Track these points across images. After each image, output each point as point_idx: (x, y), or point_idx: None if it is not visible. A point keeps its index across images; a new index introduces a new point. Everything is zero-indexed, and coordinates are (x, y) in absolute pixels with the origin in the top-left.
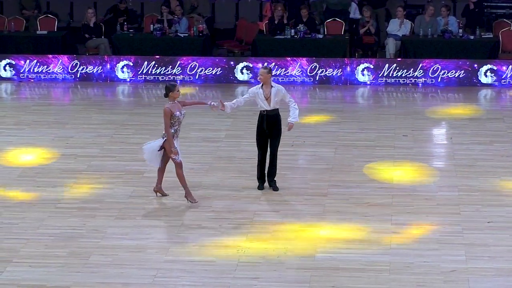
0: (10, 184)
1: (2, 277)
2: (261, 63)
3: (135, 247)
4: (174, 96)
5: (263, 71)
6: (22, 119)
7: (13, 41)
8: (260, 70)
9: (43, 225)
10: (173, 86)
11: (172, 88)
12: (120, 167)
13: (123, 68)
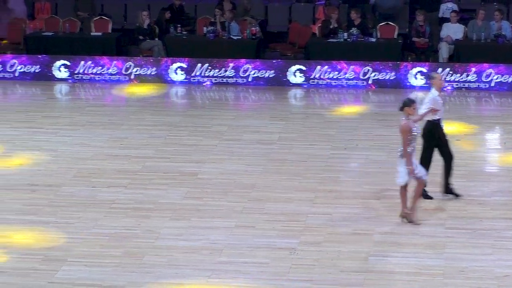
0: (65, 184)
1: (57, 276)
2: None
3: (190, 248)
4: (409, 112)
5: (439, 75)
6: (77, 119)
7: (68, 43)
8: (436, 75)
9: (98, 225)
10: (411, 102)
11: (409, 103)
12: (174, 168)
13: (176, 70)
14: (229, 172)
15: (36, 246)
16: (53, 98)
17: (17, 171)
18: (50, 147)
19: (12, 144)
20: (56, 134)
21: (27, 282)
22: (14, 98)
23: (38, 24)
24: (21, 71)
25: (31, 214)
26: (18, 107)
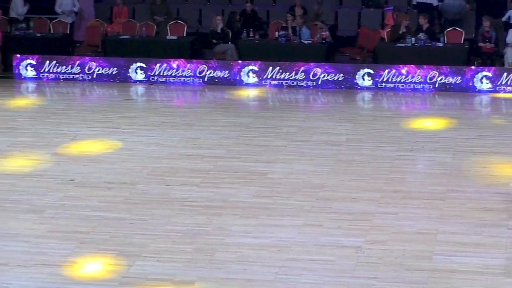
0: (139, 182)
1: (131, 270)
2: (382, 69)
3: (258, 245)
4: None
5: None
6: (152, 120)
7: (144, 46)
8: None
9: (171, 222)
10: None
11: None
12: (245, 168)
13: (248, 73)
14: (298, 172)
15: (111, 242)
16: (129, 99)
17: (94, 169)
18: (126, 146)
19: (90, 143)
20: (132, 134)
21: (102, 275)
22: (92, 99)
23: (116, 28)
24: (99, 73)
25: (106, 210)
26: (96, 108)
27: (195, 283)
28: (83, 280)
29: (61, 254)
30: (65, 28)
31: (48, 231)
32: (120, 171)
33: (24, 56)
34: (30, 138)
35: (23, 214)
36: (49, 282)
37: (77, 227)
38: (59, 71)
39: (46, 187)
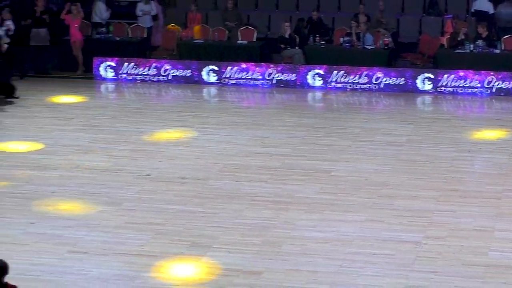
0: (211, 177)
1: (203, 260)
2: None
3: (323, 239)
4: None
5: None
6: (223, 120)
7: (217, 50)
8: None
9: (241, 215)
10: None
11: None
12: (310, 165)
13: (314, 76)
14: (361, 170)
15: (184, 233)
16: (202, 100)
17: (169, 165)
18: (199, 144)
19: (166, 141)
20: (205, 132)
21: (176, 265)
22: (167, 99)
23: (190, 33)
24: (174, 75)
25: (180, 204)
26: (171, 108)
27: (262, 274)
28: (157, 268)
29: (137, 244)
30: (143, 33)
31: (126, 222)
32: (193, 167)
33: (104, 58)
34: (110, 135)
35: (103, 206)
36: (125, 270)
37: (153, 219)
38: (137, 73)
39: (124, 181)
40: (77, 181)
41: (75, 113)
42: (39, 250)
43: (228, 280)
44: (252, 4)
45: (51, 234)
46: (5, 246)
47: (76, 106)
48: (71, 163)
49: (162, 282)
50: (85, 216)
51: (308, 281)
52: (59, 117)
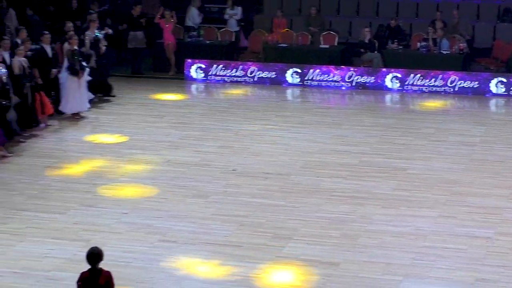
0: (293, 173)
1: (284, 251)
2: None
3: (397, 233)
4: None
5: None
6: (306, 119)
7: (300, 53)
8: None
9: (320, 209)
10: None
11: None
12: (387, 163)
13: (392, 79)
14: (435, 168)
15: (267, 225)
16: (286, 100)
17: (254, 161)
18: (282, 141)
19: (250, 138)
20: (288, 131)
21: (259, 255)
22: (253, 99)
23: (276, 37)
24: (260, 76)
25: (264, 198)
26: (256, 107)
27: (340, 265)
28: (241, 258)
29: (223, 234)
30: (231, 36)
31: (212, 214)
32: (276, 163)
33: (195, 60)
34: (199, 132)
35: (191, 198)
36: (211, 259)
37: (238, 211)
38: (225, 74)
39: (212, 175)
40: (167, 175)
41: (167, 111)
42: (131, 238)
43: (307, 270)
44: (334, 11)
45: (142, 223)
46: (100, 234)
47: (168, 104)
48: (163, 158)
49: (246, 271)
50: (174, 207)
51: (383, 272)
52: (152, 114)
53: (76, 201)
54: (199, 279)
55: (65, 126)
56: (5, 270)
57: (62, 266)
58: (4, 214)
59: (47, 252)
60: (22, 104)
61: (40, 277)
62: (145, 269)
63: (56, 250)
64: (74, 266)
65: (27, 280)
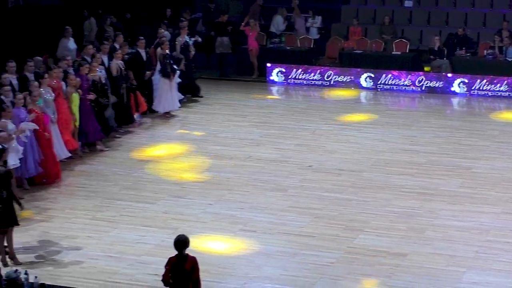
0: (365, 170)
1: (355, 241)
2: None
3: (462, 227)
4: None
5: None
6: (377, 120)
7: (373, 59)
8: None
9: (389, 204)
10: None
11: None
12: (453, 162)
13: (459, 84)
14: (499, 168)
15: (339, 218)
16: (359, 102)
17: (328, 158)
18: (355, 140)
19: (326, 137)
20: (360, 131)
21: (331, 245)
22: (329, 101)
23: (351, 44)
24: (336, 80)
25: (337, 192)
26: (332, 108)
27: (407, 255)
28: (314, 247)
29: (299, 225)
30: (310, 43)
31: (289, 206)
32: (349, 161)
33: (276, 64)
34: (278, 131)
35: (270, 191)
36: (287, 248)
37: (313, 204)
38: (303, 78)
39: (289, 171)
40: (249, 170)
41: (250, 111)
42: (215, 227)
43: (376, 260)
44: (406, 20)
45: (226, 214)
46: (187, 223)
47: (250, 105)
48: (245, 154)
49: (319, 260)
50: (255, 199)
51: (448, 264)
52: (236, 114)
53: (165, 192)
54: (276, 265)
55: (157, 123)
56: (101, 254)
57: (151, 251)
58: (101, 203)
59: (139, 238)
60: (118, 103)
61: (132, 261)
62: (227, 255)
63: (146, 237)
64: (162, 251)
65: (120, 264)
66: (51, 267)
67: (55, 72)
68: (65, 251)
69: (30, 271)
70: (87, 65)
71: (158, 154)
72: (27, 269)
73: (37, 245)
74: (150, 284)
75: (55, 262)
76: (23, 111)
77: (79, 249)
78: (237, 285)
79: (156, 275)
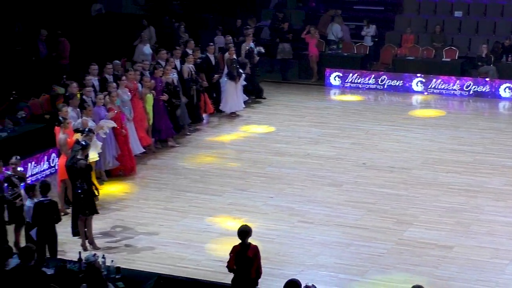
0: (415, 168)
1: (405, 234)
2: None
3: (506, 223)
4: None
5: None
6: (427, 122)
7: (425, 65)
8: None
9: (438, 200)
10: None
11: None
12: (498, 162)
13: (505, 89)
14: None
15: (391, 212)
16: (410, 105)
17: (381, 156)
18: (406, 140)
19: (378, 137)
20: (411, 131)
21: (383, 237)
22: (382, 103)
23: (404, 51)
24: (389, 84)
25: (389, 188)
26: (385, 111)
27: (453, 248)
28: (367, 238)
29: (353, 218)
30: (366, 50)
31: (344, 200)
32: (400, 159)
33: (333, 69)
34: (335, 131)
35: (327, 186)
36: (342, 238)
37: (366, 199)
38: (359, 82)
39: (345, 167)
40: (307, 166)
41: (308, 112)
42: (276, 219)
43: (424, 251)
44: (456, 29)
45: (285, 206)
46: (250, 214)
47: (310, 106)
48: (303, 151)
49: (371, 250)
50: (313, 193)
51: (492, 256)
52: (296, 114)
53: (230, 186)
54: (331, 254)
55: (223, 122)
56: (171, 241)
57: (217, 239)
58: (171, 194)
59: (205, 227)
60: (188, 103)
61: (199, 248)
62: (286, 245)
63: (212, 226)
64: (227, 240)
65: (187, 250)
66: (125, 252)
67: (131, 74)
68: (139, 238)
69: (107, 255)
70: (161, 69)
71: (224, 151)
72: (105, 254)
73: (113, 232)
74: (215, 270)
75: (130, 248)
76: (103, 109)
77: (151, 236)
78: (295, 272)
79: (221, 262)
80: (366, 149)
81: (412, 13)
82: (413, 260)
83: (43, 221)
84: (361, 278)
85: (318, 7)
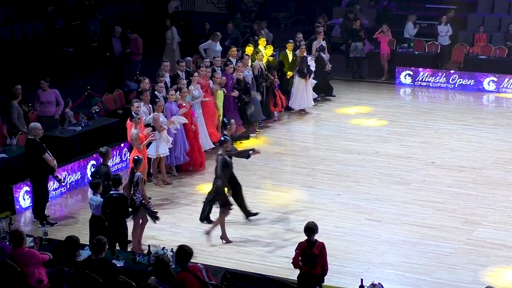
0: (485, 167)
1: (473, 234)
2: None
3: None
4: None
5: None
6: (499, 121)
7: (497, 64)
8: None
9: (507, 200)
10: None
11: None
12: None
13: None
14: None
15: (459, 211)
16: (481, 104)
17: (451, 155)
18: (476, 140)
19: (448, 136)
20: (482, 131)
21: (451, 236)
22: (453, 102)
23: (476, 50)
24: (460, 83)
25: (458, 187)
26: (455, 110)
27: None
28: (435, 238)
29: (421, 217)
30: (437, 48)
31: (412, 199)
32: (470, 158)
33: (404, 68)
34: (404, 129)
35: (395, 185)
36: (409, 237)
37: (434, 198)
38: (429, 81)
39: (413, 166)
40: (375, 164)
41: (378, 110)
42: (342, 216)
43: (492, 252)
44: None
45: (352, 204)
46: (317, 211)
47: (379, 104)
48: (372, 150)
49: (439, 250)
50: (380, 192)
51: None
52: (364, 113)
53: (298, 183)
54: (398, 253)
55: (293, 119)
56: (238, 236)
57: (284, 235)
58: None
59: (272, 223)
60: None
61: (266, 244)
62: (352, 242)
63: (280, 222)
64: (294, 236)
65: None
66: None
67: (203, 71)
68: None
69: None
70: (231, 65)
71: (293, 147)
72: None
73: (183, 226)
74: (281, 266)
75: (197, 242)
76: (174, 105)
77: (219, 232)
78: (361, 270)
79: (287, 258)
80: (435, 148)
81: (485, 12)
82: (481, 260)
83: (113, 214)
84: (428, 277)
85: (390, 5)
